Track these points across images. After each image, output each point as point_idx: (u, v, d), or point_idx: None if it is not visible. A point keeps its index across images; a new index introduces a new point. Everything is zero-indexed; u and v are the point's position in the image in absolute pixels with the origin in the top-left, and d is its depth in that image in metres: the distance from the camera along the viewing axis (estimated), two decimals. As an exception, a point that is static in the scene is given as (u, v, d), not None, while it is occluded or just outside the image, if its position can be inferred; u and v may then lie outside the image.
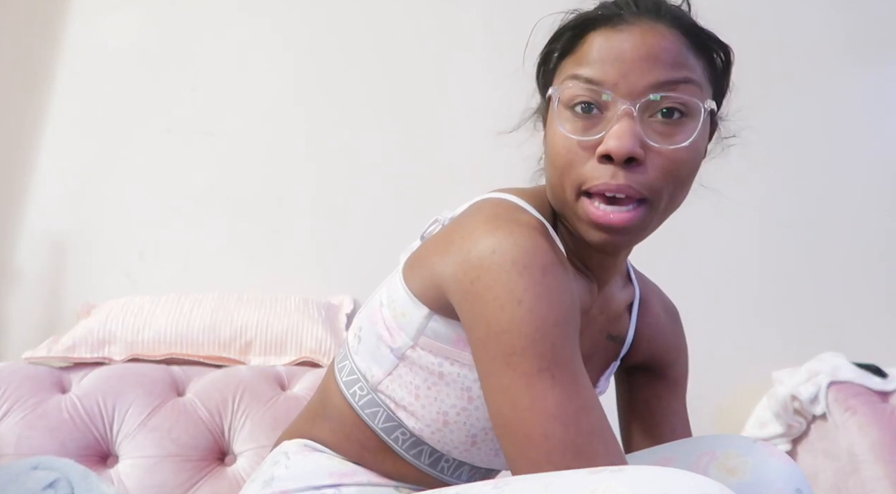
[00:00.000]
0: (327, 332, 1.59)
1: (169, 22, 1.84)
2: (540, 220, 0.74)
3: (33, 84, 1.77)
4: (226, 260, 1.78)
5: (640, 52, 0.68)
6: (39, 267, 1.71)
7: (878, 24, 2.07)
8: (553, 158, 0.72)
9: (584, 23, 0.72)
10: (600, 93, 0.68)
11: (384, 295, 0.79)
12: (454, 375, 0.74)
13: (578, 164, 0.69)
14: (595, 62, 0.69)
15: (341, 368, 0.83)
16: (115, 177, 1.77)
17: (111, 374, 1.42)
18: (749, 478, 0.76)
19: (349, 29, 1.89)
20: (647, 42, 0.68)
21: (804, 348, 1.79)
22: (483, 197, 0.80)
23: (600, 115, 0.69)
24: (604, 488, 0.51)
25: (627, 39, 0.69)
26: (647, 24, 0.69)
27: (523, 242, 0.65)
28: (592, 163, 0.69)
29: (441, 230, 0.77)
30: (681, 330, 0.98)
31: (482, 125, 1.91)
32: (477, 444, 0.77)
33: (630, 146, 0.66)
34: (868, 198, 2.03)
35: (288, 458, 0.83)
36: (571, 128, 0.70)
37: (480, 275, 0.65)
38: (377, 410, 0.78)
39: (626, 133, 0.66)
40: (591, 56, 0.70)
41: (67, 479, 1.02)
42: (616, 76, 0.68)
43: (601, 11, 0.72)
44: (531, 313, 0.62)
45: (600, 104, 0.69)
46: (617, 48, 0.69)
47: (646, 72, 0.68)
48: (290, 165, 1.83)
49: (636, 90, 0.68)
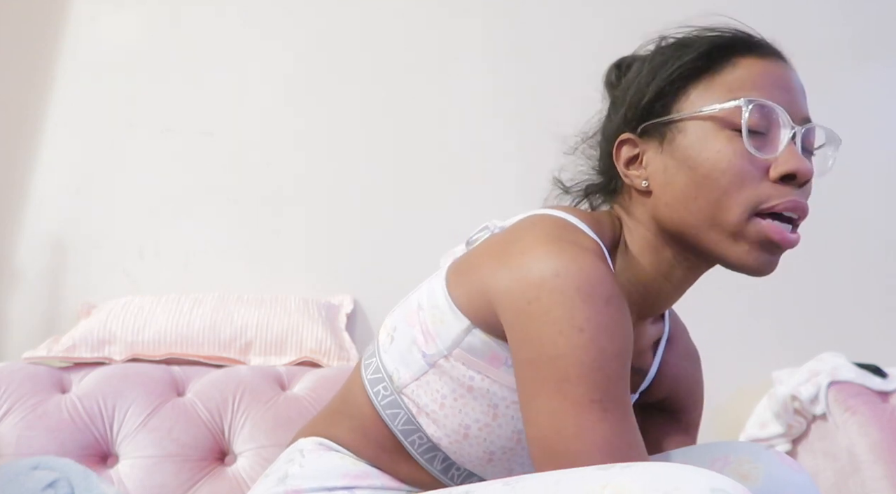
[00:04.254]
0: (327, 332, 1.59)
1: (169, 22, 1.84)
2: (599, 244, 0.73)
3: (33, 84, 1.77)
4: (226, 260, 1.78)
5: (797, 85, 0.73)
6: (39, 267, 1.71)
7: (883, 24, 2.07)
8: (711, 181, 0.70)
9: (731, 44, 0.73)
10: (776, 114, 0.70)
11: (424, 299, 0.77)
12: (483, 390, 0.73)
13: (751, 185, 0.69)
14: (765, 86, 0.71)
15: (367, 365, 0.82)
16: (115, 177, 1.77)
17: (111, 374, 1.41)
18: (760, 484, 0.76)
19: (349, 29, 1.89)
20: (795, 77, 0.73)
21: (804, 348, 1.79)
22: (537, 212, 0.77)
23: (766, 137, 0.70)
24: (615, 483, 0.51)
25: (784, 69, 0.73)
26: (783, 60, 0.74)
27: (588, 269, 0.64)
28: (768, 184, 0.69)
29: (492, 240, 0.75)
30: (701, 377, 0.97)
31: (482, 125, 1.92)
32: (493, 461, 0.77)
33: (811, 167, 0.70)
34: (868, 198, 2.03)
35: (303, 456, 0.83)
36: (740, 150, 0.69)
37: (540, 296, 0.64)
38: (398, 411, 0.77)
39: (803, 156, 0.70)
40: (756, 79, 0.71)
41: (67, 479, 1.02)
42: (787, 101, 0.71)
43: (737, 36, 0.74)
44: (592, 343, 0.62)
45: (771, 126, 0.70)
46: (782, 75, 0.72)
47: (803, 103, 0.72)
48: (290, 165, 1.83)
49: (800, 117, 0.71)
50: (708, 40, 0.74)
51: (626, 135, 0.76)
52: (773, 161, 0.69)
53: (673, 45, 0.76)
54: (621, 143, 0.77)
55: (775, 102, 0.69)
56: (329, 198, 1.84)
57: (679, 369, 0.92)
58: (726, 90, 0.71)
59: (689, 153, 0.71)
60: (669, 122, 0.73)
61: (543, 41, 1.93)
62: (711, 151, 0.70)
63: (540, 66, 1.92)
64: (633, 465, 0.54)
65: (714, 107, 0.70)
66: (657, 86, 0.74)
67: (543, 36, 1.93)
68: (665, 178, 0.73)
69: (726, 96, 0.70)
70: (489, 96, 1.91)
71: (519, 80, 1.92)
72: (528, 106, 1.89)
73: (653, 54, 0.77)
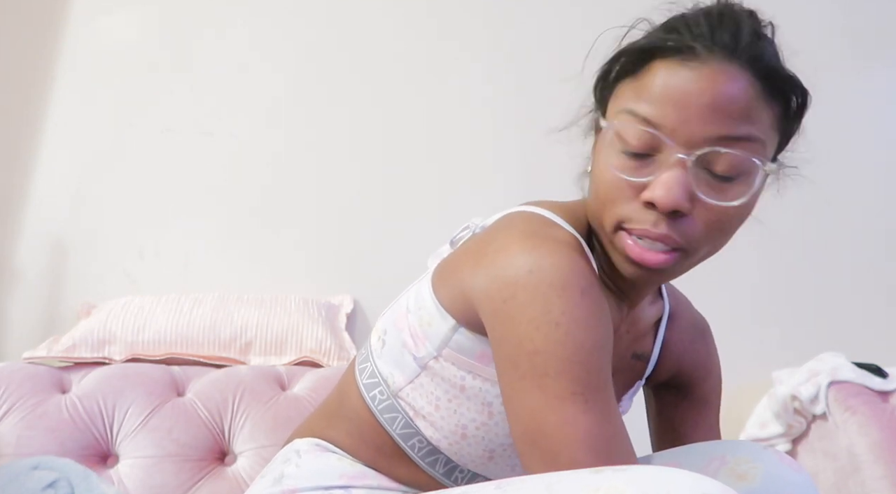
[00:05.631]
0: (327, 332, 1.59)
1: (169, 22, 1.84)
2: (576, 237, 0.72)
3: (33, 84, 1.77)
4: (226, 260, 1.78)
5: (706, 99, 0.63)
6: (39, 267, 1.71)
7: (884, 24, 2.07)
8: (596, 188, 0.70)
9: (651, 48, 0.67)
10: (657, 138, 0.65)
11: (411, 301, 0.77)
12: (476, 389, 0.73)
13: (621, 202, 0.67)
14: (656, 100, 0.65)
15: (362, 370, 0.82)
16: (115, 177, 1.77)
17: (111, 374, 1.41)
18: (759, 484, 0.76)
19: (350, 29, 1.89)
20: (715, 88, 0.63)
21: (804, 348, 1.79)
22: (515, 209, 0.77)
23: (652, 158, 0.66)
24: (607, 486, 0.51)
25: (694, 80, 0.64)
26: (719, 64, 0.64)
27: (562, 263, 0.64)
28: (636, 205, 0.66)
29: (472, 240, 0.76)
30: (711, 347, 0.95)
31: (483, 125, 1.92)
32: (494, 459, 0.77)
33: (677, 199, 0.64)
34: (868, 198, 2.03)
35: (299, 456, 0.82)
36: (620, 165, 0.66)
37: (516, 294, 0.64)
38: (396, 416, 0.77)
39: (675, 184, 0.64)
40: (652, 91, 0.65)
41: (67, 479, 1.02)
42: (676, 121, 0.64)
43: (671, 41, 0.66)
44: (568, 336, 0.62)
45: (654, 146, 0.65)
46: (682, 89, 0.64)
47: (708, 122, 0.63)
48: (290, 165, 1.83)
49: (694, 140, 0.64)
50: (638, 43, 0.69)
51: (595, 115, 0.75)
52: (648, 183, 0.66)
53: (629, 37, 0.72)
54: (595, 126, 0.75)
55: (663, 120, 0.64)
56: (329, 198, 1.84)
57: (683, 345, 0.91)
58: (625, 100, 0.68)
59: (594, 156, 0.72)
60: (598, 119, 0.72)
61: (543, 41, 1.93)
62: (602, 161, 0.69)
63: (538, 66, 1.92)
64: (626, 469, 0.54)
65: (607, 123, 0.69)
66: (602, 76, 0.73)
67: (543, 36, 1.93)
68: (590, 176, 0.73)
69: (622, 106, 0.68)
70: (489, 97, 1.92)
71: (518, 82, 1.92)
72: (528, 107, 1.89)
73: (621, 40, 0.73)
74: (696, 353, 0.93)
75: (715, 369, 0.96)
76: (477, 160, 1.89)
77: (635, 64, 0.68)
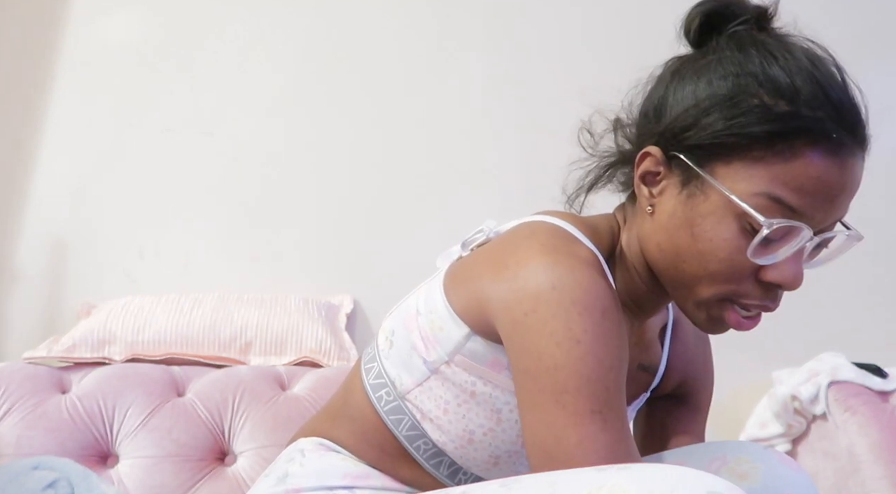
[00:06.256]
0: (327, 332, 1.59)
1: (169, 22, 1.84)
2: (596, 255, 0.71)
3: (33, 84, 1.77)
4: (226, 260, 1.78)
5: (847, 192, 0.66)
6: (39, 267, 1.71)
7: (883, 24, 2.07)
8: (706, 263, 0.67)
9: (805, 128, 0.64)
10: (797, 228, 0.64)
11: (421, 303, 0.76)
12: (486, 395, 0.73)
13: (738, 280, 0.67)
14: (808, 194, 0.63)
15: (369, 370, 0.81)
16: (115, 177, 1.77)
17: (111, 374, 1.41)
18: (759, 484, 0.76)
19: (349, 29, 1.89)
20: (854, 180, 0.66)
21: (804, 348, 1.79)
22: (534, 219, 0.76)
23: (776, 243, 0.65)
24: (611, 484, 0.51)
25: (841, 175, 0.64)
26: (858, 157, 0.67)
27: (585, 282, 0.64)
28: (753, 282, 0.67)
29: (489, 247, 0.75)
30: (708, 350, 0.96)
31: (483, 125, 1.92)
32: (499, 465, 0.77)
33: (801, 278, 0.67)
34: (868, 198, 2.03)
35: (303, 456, 0.82)
36: (746, 248, 0.65)
37: (537, 309, 0.64)
38: (402, 417, 0.77)
39: (801, 267, 0.67)
40: (804, 183, 0.63)
41: (67, 479, 1.02)
42: (821, 214, 0.65)
43: (824, 121, 0.64)
44: (589, 354, 0.62)
45: (787, 237, 0.65)
46: (834, 184, 0.64)
47: (842, 210, 0.67)
48: (290, 165, 1.83)
49: (826, 226, 0.67)
50: (786, 113, 0.63)
51: (654, 149, 0.70)
52: (769, 265, 0.66)
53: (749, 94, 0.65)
54: (646, 154, 0.70)
55: (810, 214, 0.64)
56: (329, 198, 1.84)
57: (688, 354, 0.92)
58: (767, 181, 0.63)
59: (698, 220, 0.67)
60: (698, 175, 0.67)
61: (543, 41, 1.93)
62: (718, 235, 0.66)
63: (538, 66, 1.92)
64: (629, 466, 0.54)
65: (743, 202, 0.64)
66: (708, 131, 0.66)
67: (543, 36, 1.93)
68: (668, 223, 0.69)
69: (763, 188, 0.63)
70: (489, 97, 1.91)
71: (518, 82, 1.92)
72: (528, 107, 1.89)
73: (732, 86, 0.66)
74: (698, 360, 0.94)
75: (711, 375, 0.97)
76: (477, 160, 1.89)
77: (772, 139, 0.64)
